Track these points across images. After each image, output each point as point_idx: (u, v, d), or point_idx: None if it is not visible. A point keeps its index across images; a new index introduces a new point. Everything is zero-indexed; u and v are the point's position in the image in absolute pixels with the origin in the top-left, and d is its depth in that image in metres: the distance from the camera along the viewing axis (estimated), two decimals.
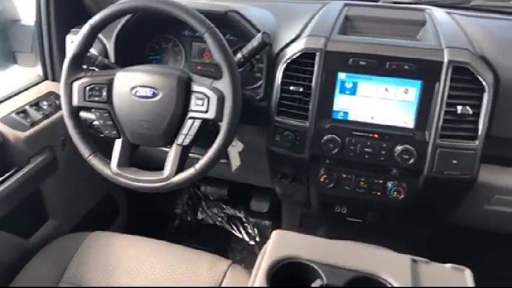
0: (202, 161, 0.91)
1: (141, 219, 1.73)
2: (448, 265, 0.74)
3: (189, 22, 0.89)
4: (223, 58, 0.87)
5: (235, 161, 1.09)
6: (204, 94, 0.89)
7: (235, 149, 1.07)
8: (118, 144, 0.98)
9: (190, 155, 0.96)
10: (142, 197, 1.16)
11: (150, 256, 1.04)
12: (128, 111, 0.94)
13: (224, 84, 0.88)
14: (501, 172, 1.02)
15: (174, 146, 0.93)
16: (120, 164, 0.97)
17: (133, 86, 0.92)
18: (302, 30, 1.09)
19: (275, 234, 0.80)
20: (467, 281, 0.71)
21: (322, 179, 1.06)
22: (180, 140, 0.92)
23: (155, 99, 0.91)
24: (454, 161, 0.96)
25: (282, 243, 0.78)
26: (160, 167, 0.94)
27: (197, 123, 0.90)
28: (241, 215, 1.76)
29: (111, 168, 0.97)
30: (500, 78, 0.95)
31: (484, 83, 0.92)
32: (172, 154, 0.93)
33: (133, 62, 1.01)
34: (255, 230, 1.73)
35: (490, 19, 1.21)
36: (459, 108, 0.93)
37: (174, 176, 0.92)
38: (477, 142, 0.94)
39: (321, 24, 1.09)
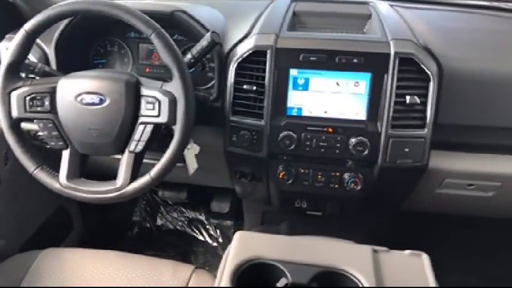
0: (157, 167, 0.88)
1: (98, 230, 1.66)
2: (407, 252, 0.76)
3: (134, 24, 0.85)
4: (172, 59, 0.85)
5: (192, 164, 1.07)
6: (155, 98, 0.85)
7: (192, 152, 1.05)
8: (66, 155, 0.92)
9: (145, 160, 0.93)
10: (97, 208, 1.11)
11: (109, 269, 0.99)
12: (75, 120, 0.89)
13: (175, 86, 0.85)
14: (449, 157, 1.06)
15: (126, 154, 0.89)
16: (69, 176, 0.92)
17: (78, 93, 0.87)
18: (251, 28, 1.09)
19: (237, 235, 0.79)
20: (425, 265, 0.73)
21: (281, 176, 1.06)
22: (132, 147, 0.88)
23: (103, 105, 0.87)
24: (406, 150, 0.99)
25: (244, 245, 0.77)
26: (113, 176, 0.90)
27: (149, 128, 0.87)
28: (202, 217, 1.74)
29: (60, 181, 0.92)
30: (443, 68, 0.99)
31: (428, 72, 0.96)
32: (124, 162, 0.89)
33: (77, 67, 0.95)
34: (217, 231, 1.71)
35: (431, 10, 1.26)
36: (408, 98, 0.96)
37: (128, 185, 0.88)
38: (426, 130, 0.98)
39: (269, 21, 1.09)
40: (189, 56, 0.95)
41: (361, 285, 0.69)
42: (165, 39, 0.85)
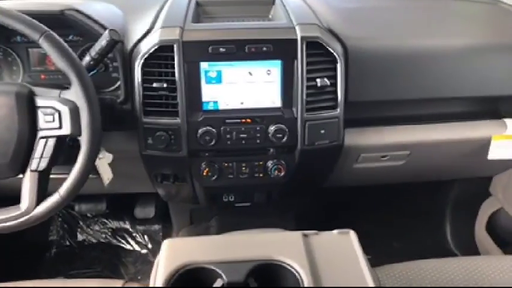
0: (67, 184, 0.79)
1: (9, 259, 1.50)
2: (335, 231, 0.78)
3: (18, 29, 0.75)
4: (67, 64, 0.77)
5: (107, 174, 0.99)
6: (53, 108, 0.77)
7: (104, 161, 0.97)
8: None
9: (53, 176, 0.84)
10: (5, 234, 0.99)
11: None
12: None
13: (75, 93, 0.77)
14: (362, 133, 1.11)
15: (28, 173, 0.79)
16: None
17: None
18: (154, 22, 1.03)
19: (166, 244, 0.75)
20: (353, 242, 0.76)
21: (204, 173, 1.03)
22: (34, 165, 0.79)
23: None
24: (322, 131, 1.01)
25: (174, 252, 0.73)
26: (17, 200, 0.80)
27: (51, 142, 0.78)
28: (127, 226, 1.65)
29: None
30: (347, 48, 1.02)
31: (335, 54, 0.98)
32: (27, 183, 0.79)
33: None
34: (145, 237, 1.64)
35: None
36: (318, 81, 0.98)
37: (35, 208, 0.79)
38: (338, 110, 1.01)
39: (172, 14, 1.04)
40: (87, 58, 0.87)
41: (295, 273, 0.69)
42: (56, 42, 0.77)
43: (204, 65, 0.96)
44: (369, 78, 1.04)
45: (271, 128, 0.99)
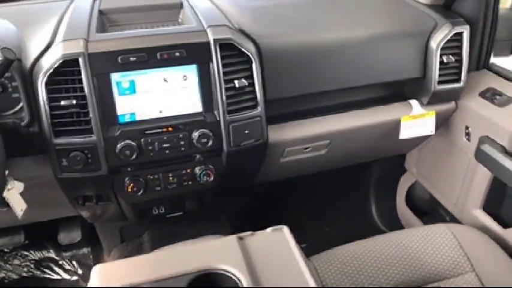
0: None
1: None
2: (269, 230, 0.79)
3: None
4: None
5: (20, 205, 0.91)
6: None
7: (14, 191, 0.88)
8: None
9: None
10: None
11: None
12: None
13: None
14: (284, 128, 1.13)
15: None
16: None
17: None
18: (54, 35, 0.95)
19: (96, 270, 0.71)
20: (287, 237, 0.77)
21: (129, 189, 0.99)
22: None
23: None
24: (246, 131, 1.02)
25: (106, 277, 0.69)
26: None
27: None
28: (52, 254, 1.52)
29: None
30: (260, 46, 1.03)
31: (249, 54, 0.99)
32: None
33: None
34: (74, 263, 1.52)
35: None
36: (236, 82, 0.98)
37: None
38: (259, 109, 1.02)
39: (74, 25, 0.97)
40: None
41: (235, 278, 0.69)
42: None
43: (115, 76, 0.91)
44: (283, 75, 1.06)
45: (195, 134, 0.98)
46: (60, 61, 0.87)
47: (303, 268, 0.71)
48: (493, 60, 1.29)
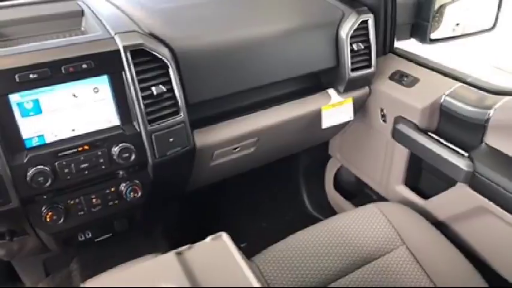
0: None
1: None
2: (208, 239, 0.76)
3: None
4: None
5: None
6: None
7: None
8: None
9: None
10: None
11: None
12: None
13: None
14: (211, 131, 1.10)
15: None
16: None
17: None
18: None
19: None
20: (227, 244, 0.75)
21: (48, 219, 0.90)
22: None
23: None
24: (171, 140, 0.97)
25: None
26: None
27: None
28: None
29: None
30: (174, 50, 0.99)
31: (163, 59, 0.94)
32: None
33: None
34: None
35: None
36: (153, 89, 0.93)
37: None
38: (182, 114, 0.98)
39: None
40: None
41: None
42: None
43: (14, 97, 0.82)
44: (203, 77, 1.03)
45: (115, 149, 0.91)
46: None
47: (246, 272, 0.69)
48: (397, 44, 1.37)
